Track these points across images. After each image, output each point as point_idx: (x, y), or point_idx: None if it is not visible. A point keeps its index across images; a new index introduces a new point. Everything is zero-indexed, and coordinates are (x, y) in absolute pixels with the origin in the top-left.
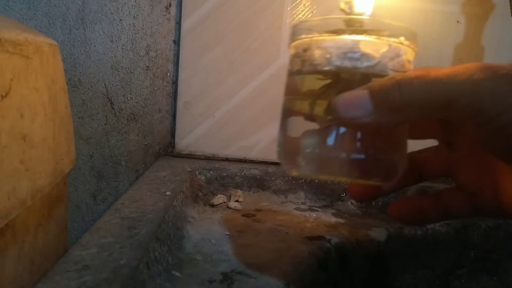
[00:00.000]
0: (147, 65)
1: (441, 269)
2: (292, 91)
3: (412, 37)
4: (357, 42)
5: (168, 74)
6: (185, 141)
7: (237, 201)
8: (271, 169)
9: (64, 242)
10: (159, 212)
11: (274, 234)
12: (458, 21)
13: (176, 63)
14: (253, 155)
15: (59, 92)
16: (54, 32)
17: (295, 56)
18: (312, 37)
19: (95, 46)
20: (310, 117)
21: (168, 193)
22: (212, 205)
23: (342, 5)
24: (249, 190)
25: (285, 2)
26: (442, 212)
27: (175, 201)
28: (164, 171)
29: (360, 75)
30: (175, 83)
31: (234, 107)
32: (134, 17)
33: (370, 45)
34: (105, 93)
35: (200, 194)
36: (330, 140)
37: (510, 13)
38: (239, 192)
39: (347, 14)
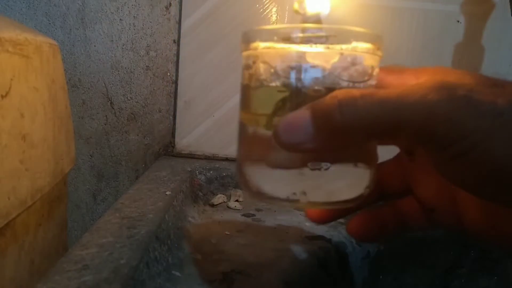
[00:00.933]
0: (147, 64)
1: (441, 269)
2: (242, 105)
3: (373, 40)
4: (303, 53)
5: (168, 74)
6: (185, 140)
7: (237, 200)
8: None
9: (64, 241)
10: (159, 211)
11: (274, 234)
12: (458, 21)
13: (176, 62)
14: None
15: (59, 91)
16: (54, 32)
17: (244, 68)
18: (257, 48)
19: (95, 45)
20: (259, 137)
21: (168, 192)
22: (212, 205)
23: (295, 6)
24: None
25: (285, 2)
26: (400, 223)
27: (175, 200)
28: (164, 171)
29: (309, 92)
30: (175, 82)
31: (234, 106)
32: (134, 16)
33: (318, 56)
34: (105, 93)
35: (200, 193)
36: (281, 162)
37: (510, 13)
38: (239, 192)
39: (301, 15)
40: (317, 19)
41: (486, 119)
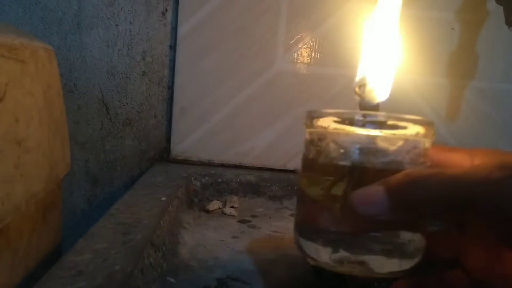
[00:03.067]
0: (143, 70)
1: None
2: (306, 176)
3: (428, 126)
4: (373, 138)
5: (164, 80)
6: (180, 146)
7: (232, 207)
8: (266, 175)
9: (59, 247)
10: (154, 217)
11: (270, 240)
12: (452, 28)
13: (172, 68)
14: (248, 160)
15: (54, 96)
16: (50, 36)
17: (310, 143)
18: (328, 128)
19: (91, 51)
20: (322, 205)
21: (163, 198)
22: (208, 211)
23: (357, 89)
24: (245, 196)
25: (280, 9)
26: None
27: (170, 206)
28: (160, 177)
29: (376, 171)
30: (171, 88)
31: (229, 112)
32: (130, 22)
33: (386, 141)
34: (101, 98)
35: (196, 199)
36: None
37: (504, 21)
38: (235, 198)
39: (361, 98)
40: (376, 106)
41: None
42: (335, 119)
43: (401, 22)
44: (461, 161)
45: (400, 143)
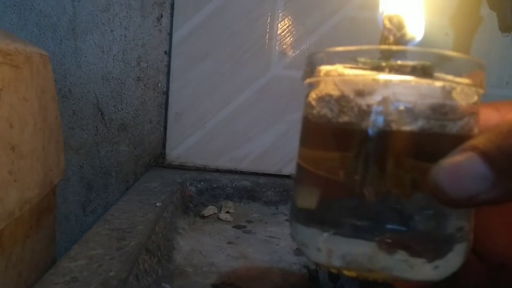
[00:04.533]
0: (138, 75)
1: None
2: (327, 153)
3: (482, 69)
4: (450, 91)
5: (159, 85)
6: (176, 152)
7: (227, 212)
8: (262, 180)
9: (53, 253)
10: (149, 223)
11: (265, 246)
12: (446, 34)
13: (167, 74)
14: (244, 166)
15: (49, 102)
16: (45, 42)
17: (341, 100)
18: (378, 76)
19: (86, 56)
20: (354, 191)
21: (158, 204)
22: (203, 217)
23: (387, 22)
24: (240, 201)
25: (275, 15)
26: (454, 284)
27: (165, 212)
28: (155, 182)
29: (450, 137)
30: (166, 93)
31: (225, 118)
32: (125, 28)
33: (463, 95)
34: (96, 104)
35: (191, 205)
36: (380, 218)
37: (498, 26)
38: (230, 203)
39: (393, 35)
40: (407, 45)
41: None
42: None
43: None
44: (489, 116)
45: (475, 98)
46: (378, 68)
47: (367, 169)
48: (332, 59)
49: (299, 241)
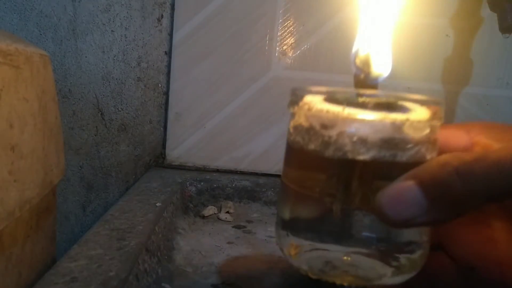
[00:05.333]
0: (138, 76)
1: None
2: (300, 172)
3: (440, 107)
4: (400, 125)
5: (160, 85)
6: (176, 152)
7: (227, 212)
8: (261, 180)
9: (53, 253)
10: (149, 223)
11: (265, 246)
12: (447, 35)
13: (168, 74)
14: (244, 166)
15: (49, 102)
16: (45, 42)
17: (310, 131)
18: (339, 112)
19: (86, 56)
20: (323, 207)
21: (158, 204)
22: (203, 217)
23: (358, 62)
24: (240, 201)
25: (276, 15)
26: (429, 284)
27: (165, 212)
28: (155, 182)
29: (398, 164)
30: (166, 94)
31: (225, 118)
32: (125, 28)
33: (412, 129)
34: (96, 104)
35: (191, 205)
36: (346, 234)
37: (498, 27)
38: (230, 203)
39: (363, 73)
40: (376, 82)
41: None
42: (326, 98)
43: (396, 29)
44: (458, 138)
45: (427, 130)
46: (349, 103)
47: (332, 189)
48: (313, 93)
49: (279, 246)
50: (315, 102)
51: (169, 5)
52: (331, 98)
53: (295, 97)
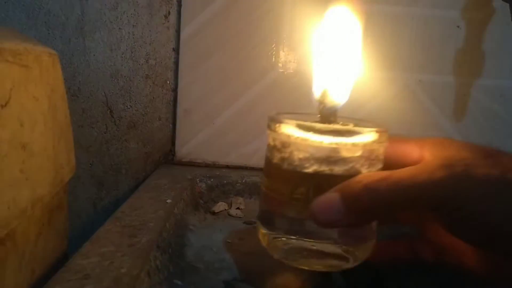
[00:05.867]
0: (146, 73)
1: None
2: (270, 178)
3: (382, 133)
4: (337, 148)
5: (168, 82)
6: (185, 148)
7: (238, 208)
8: None
9: (65, 251)
10: (160, 220)
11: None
12: (458, 26)
13: (176, 71)
14: (253, 162)
15: (58, 101)
16: (54, 41)
17: (274, 148)
18: (291, 137)
19: (94, 55)
20: (283, 207)
21: (168, 201)
22: (213, 213)
23: (319, 96)
24: (250, 197)
25: (284, 10)
26: (414, 256)
27: (176, 209)
28: (165, 179)
29: (336, 177)
30: (174, 90)
31: (234, 114)
32: (133, 25)
33: (347, 150)
34: (105, 102)
35: (201, 201)
36: (304, 232)
37: (510, 18)
38: (240, 199)
39: (322, 103)
40: (335, 110)
41: (481, 189)
42: (298, 122)
43: (407, 21)
44: (411, 152)
45: (360, 152)
46: (309, 129)
47: (291, 194)
48: (288, 117)
49: (260, 239)
50: (284, 127)
51: (176, 2)
52: (299, 125)
53: (270, 122)
